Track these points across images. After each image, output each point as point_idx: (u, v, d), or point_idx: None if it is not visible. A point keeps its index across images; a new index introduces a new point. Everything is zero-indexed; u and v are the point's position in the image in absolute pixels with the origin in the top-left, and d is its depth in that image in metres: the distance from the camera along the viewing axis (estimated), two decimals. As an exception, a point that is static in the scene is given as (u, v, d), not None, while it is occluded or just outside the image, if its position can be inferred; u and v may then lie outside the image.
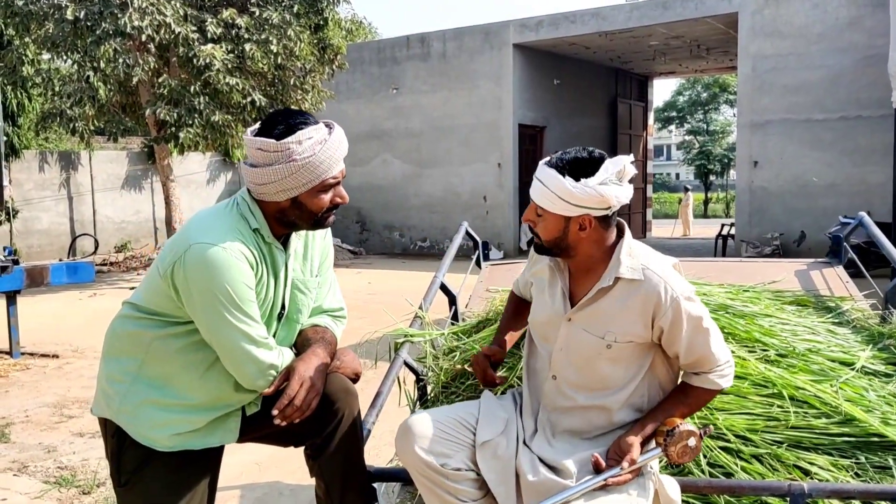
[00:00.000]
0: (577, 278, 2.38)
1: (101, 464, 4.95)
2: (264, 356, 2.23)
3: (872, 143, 13.93)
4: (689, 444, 2.20)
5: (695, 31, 17.28)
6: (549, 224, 2.26)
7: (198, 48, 11.98)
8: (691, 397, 2.34)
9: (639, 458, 2.21)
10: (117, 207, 18.04)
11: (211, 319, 2.17)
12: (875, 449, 2.57)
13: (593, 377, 2.32)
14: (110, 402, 2.30)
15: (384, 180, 19.12)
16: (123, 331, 2.33)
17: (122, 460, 2.29)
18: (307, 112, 2.30)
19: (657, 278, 2.24)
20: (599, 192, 2.16)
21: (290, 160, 2.16)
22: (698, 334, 2.27)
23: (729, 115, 44.47)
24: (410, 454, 2.29)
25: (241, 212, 2.27)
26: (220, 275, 2.13)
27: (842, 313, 3.50)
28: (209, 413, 2.31)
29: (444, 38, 18.49)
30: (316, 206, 2.26)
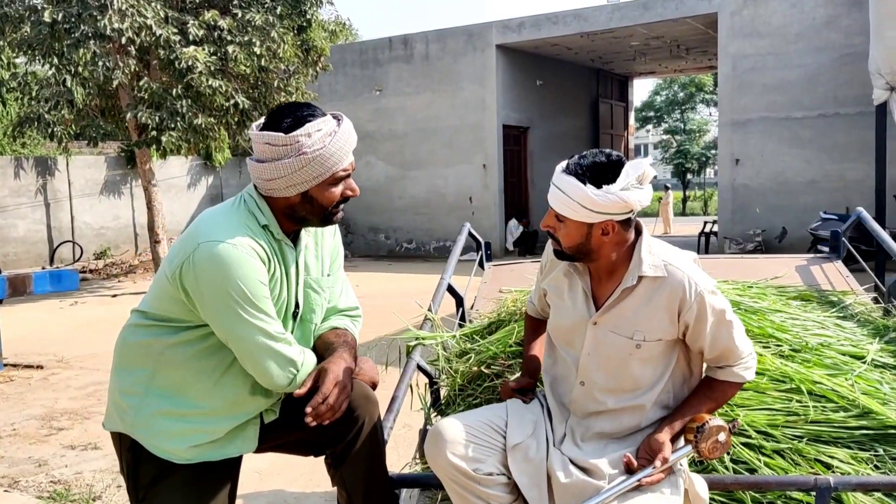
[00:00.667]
0: (598, 280, 2.36)
1: (95, 477, 4.89)
2: (285, 350, 2.17)
3: (850, 140, 14.10)
4: (719, 440, 2.21)
5: (675, 32, 17.40)
6: (572, 231, 2.24)
7: (179, 50, 11.86)
8: (717, 392, 2.34)
9: (671, 456, 2.22)
10: (96, 213, 17.83)
11: (225, 319, 2.11)
12: (892, 441, 2.60)
13: (624, 379, 2.31)
14: (124, 416, 2.25)
15: (368, 182, 19.07)
16: (133, 341, 2.27)
17: (139, 475, 2.24)
18: (313, 104, 2.25)
19: (680, 273, 2.24)
20: (622, 197, 2.15)
21: (299, 153, 2.11)
22: (722, 327, 2.27)
23: (705, 114, 44.79)
24: (442, 460, 2.27)
25: (248, 209, 2.21)
26: (232, 272, 2.07)
27: (845, 307, 3.54)
28: (227, 421, 2.25)
29: (426, 39, 18.49)
30: (327, 200, 2.20)
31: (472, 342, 3.29)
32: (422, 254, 18.93)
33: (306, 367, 2.24)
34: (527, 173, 19.36)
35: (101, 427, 3.79)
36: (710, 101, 41.86)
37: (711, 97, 40.96)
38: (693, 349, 2.34)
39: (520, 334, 3.11)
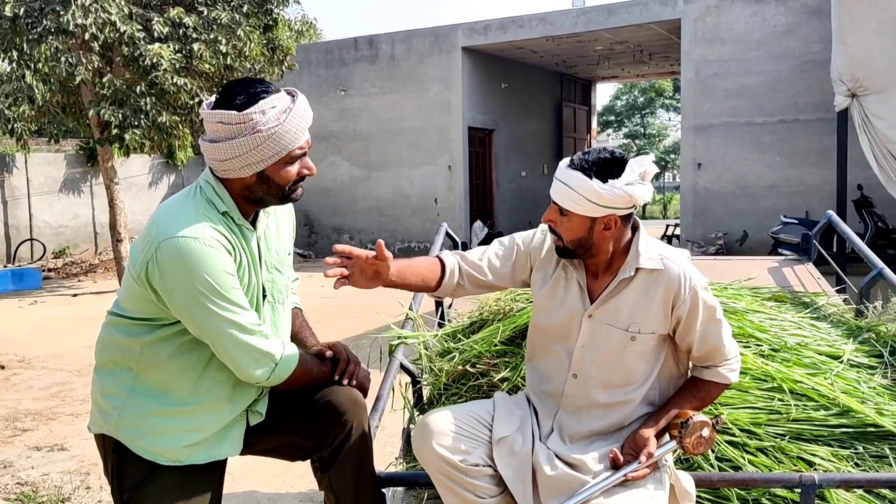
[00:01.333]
0: (593, 275, 2.39)
1: (63, 478, 4.82)
2: (259, 344, 2.13)
3: (810, 146, 14.35)
4: (703, 435, 2.25)
5: (638, 37, 17.57)
6: (575, 225, 2.27)
7: (144, 47, 11.68)
8: (702, 391, 2.39)
9: (655, 451, 2.25)
10: (55, 212, 17.51)
11: (196, 315, 2.08)
12: (872, 439, 2.67)
13: (617, 373, 2.34)
14: (108, 418, 2.21)
15: (332, 182, 18.97)
16: (112, 342, 2.23)
17: (124, 476, 2.20)
18: (265, 80, 2.20)
19: (677, 267, 2.29)
20: (627, 192, 2.19)
21: (254, 132, 2.05)
22: (712, 325, 2.32)
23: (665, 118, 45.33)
24: (429, 451, 2.28)
25: (206, 197, 2.15)
26: (197, 266, 2.03)
27: (818, 308, 3.61)
28: (214, 418, 2.23)
29: (392, 40, 18.45)
30: (283, 179, 2.16)
31: (455, 341, 3.29)
32: (386, 255, 18.82)
33: (286, 360, 2.21)
34: (492, 175, 19.41)
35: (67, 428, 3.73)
36: (670, 106, 42.39)
37: (671, 102, 41.49)
38: (681, 346, 2.38)
39: (504, 333, 3.13)
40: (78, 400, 6.59)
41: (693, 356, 2.39)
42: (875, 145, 10.09)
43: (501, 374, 2.91)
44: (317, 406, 2.38)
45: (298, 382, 2.28)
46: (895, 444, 2.64)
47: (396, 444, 3.11)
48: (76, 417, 6.08)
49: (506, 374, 2.92)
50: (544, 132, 21.55)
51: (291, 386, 2.27)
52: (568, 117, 22.75)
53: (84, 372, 7.45)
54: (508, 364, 2.97)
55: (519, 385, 2.85)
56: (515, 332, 3.16)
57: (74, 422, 5.98)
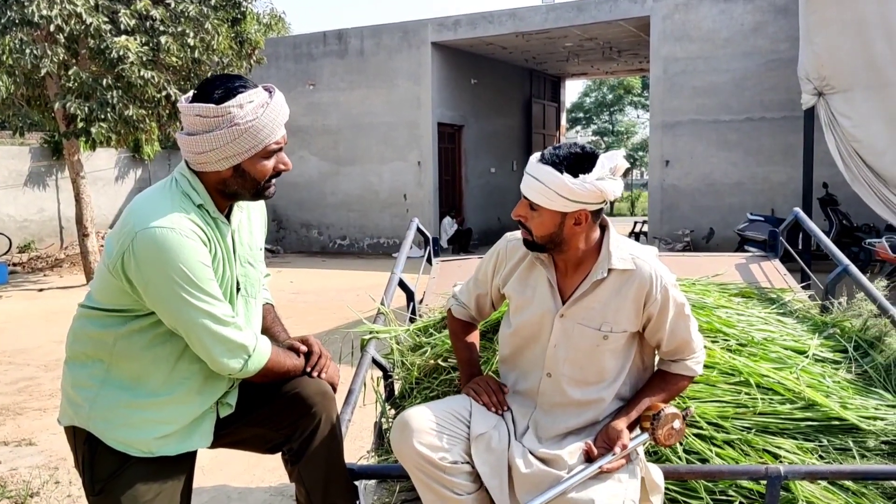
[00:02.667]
0: (564, 273, 2.42)
1: (31, 473, 4.78)
2: (233, 335, 2.15)
3: (775, 144, 14.53)
4: (674, 427, 2.29)
5: (608, 34, 17.67)
6: (546, 219, 2.28)
7: (110, 40, 11.54)
8: (670, 384, 2.44)
9: (629, 443, 2.28)
10: (19, 206, 17.23)
11: (171, 305, 2.08)
12: (836, 432, 2.72)
13: (590, 371, 2.37)
14: (79, 410, 2.20)
15: (301, 178, 18.89)
16: (84, 334, 2.23)
17: (96, 468, 2.19)
18: (243, 76, 2.22)
19: (648, 266, 2.33)
20: (598, 187, 2.21)
21: (232, 125, 2.07)
22: (681, 321, 2.38)
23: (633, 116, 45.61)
24: (408, 448, 2.29)
25: (182, 189, 2.17)
26: (173, 257, 2.03)
27: (784, 304, 3.66)
28: (186, 410, 2.23)
29: (361, 35, 18.38)
30: (259, 174, 2.18)
31: (427, 336, 3.30)
32: (355, 250, 18.85)
33: (259, 352, 2.22)
34: (461, 171, 19.43)
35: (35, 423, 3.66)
36: (638, 103, 42.67)
37: (639, 99, 41.76)
38: (651, 342, 2.42)
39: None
40: (45, 395, 6.52)
41: (662, 351, 2.44)
42: (841, 144, 10.25)
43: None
44: (286, 398, 2.39)
45: (271, 375, 2.30)
46: (859, 436, 2.70)
47: (368, 438, 3.12)
48: (44, 412, 6.02)
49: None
50: (513, 128, 21.62)
51: (264, 378, 2.29)
52: (537, 114, 22.83)
53: (51, 367, 7.37)
54: (480, 358, 2.98)
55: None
56: (487, 327, 3.18)
57: (42, 416, 5.92)
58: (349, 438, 2.75)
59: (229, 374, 2.21)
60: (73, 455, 2.29)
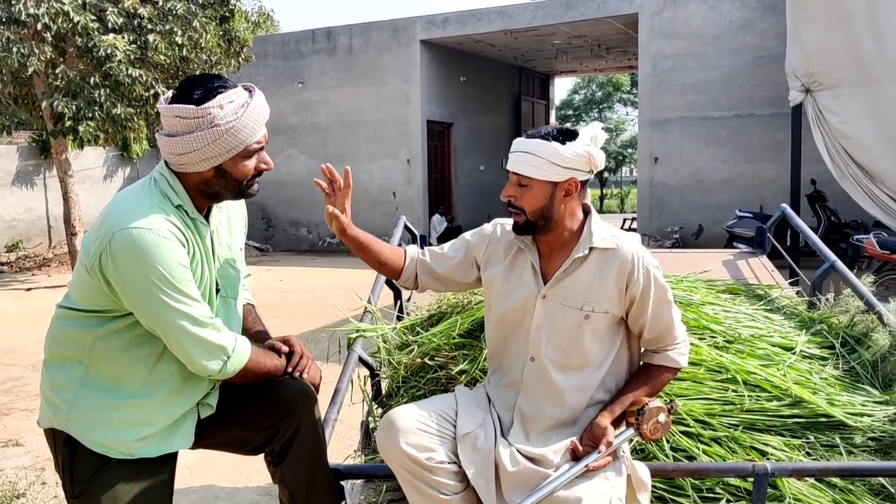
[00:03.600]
0: (546, 257, 2.44)
1: (18, 474, 4.76)
2: (211, 336, 2.13)
3: (764, 140, 14.56)
4: (659, 421, 2.29)
5: (596, 31, 17.68)
6: (537, 192, 2.33)
7: (98, 38, 11.49)
8: (653, 377, 2.43)
9: (614, 439, 2.27)
10: (7, 205, 17.13)
11: (149, 306, 2.06)
12: (823, 428, 2.72)
13: (574, 352, 2.38)
14: (58, 412, 2.18)
15: (290, 176, 18.84)
16: (62, 335, 2.21)
17: (76, 470, 2.17)
18: (223, 76, 2.20)
19: (630, 247, 2.36)
20: (588, 152, 2.29)
21: (212, 126, 2.06)
22: (664, 306, 2.38)
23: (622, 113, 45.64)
24: (395, 449, 2.28)
25: (160, 189, 2.15)
26: (151, 257, 2.02)
27: (772, 301, 3.66)
28: (165, 411, 2.21)
29: (350, 32, 18.35)
30: (241, 174, 2.17)
31: (414, 334, 3.29)
32: (344, 249, 18.60)
33: (239, 353, 2.20)
34: (450, 169, 19.41)
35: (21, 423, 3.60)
36: (627, 100, 42.69)
37: (628, 97, 41.79)
38: (634, 329, 2.42)
39: (463, 326, 3.14)
40: (32, 395, 6.48)
41: (645, 339, 2.43)
42: (829, 140, 10.27)
43: (460, 367, 2.92)
44: (268, 399, 2.38)
45: (251, 376, 2.27)
46: (846, 433, 2.70)
47: (355, 438, 3.11)
48: (30, 413, 5.98)
49: (464, 366, 2.93)
50: (503, 126, 21.61)
51: (244, 380, 2.26)
52: (526, 111, 22.84)
53: (38, 367, 7.21)
54: (467, 356, 2.98)
55: (477, 377, 2.86)
56: (474, 325, 3.17)
57: (29, 417, 5.88)
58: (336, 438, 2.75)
59: (209, 376, 2.19)
60: (53, 457, 2.27)
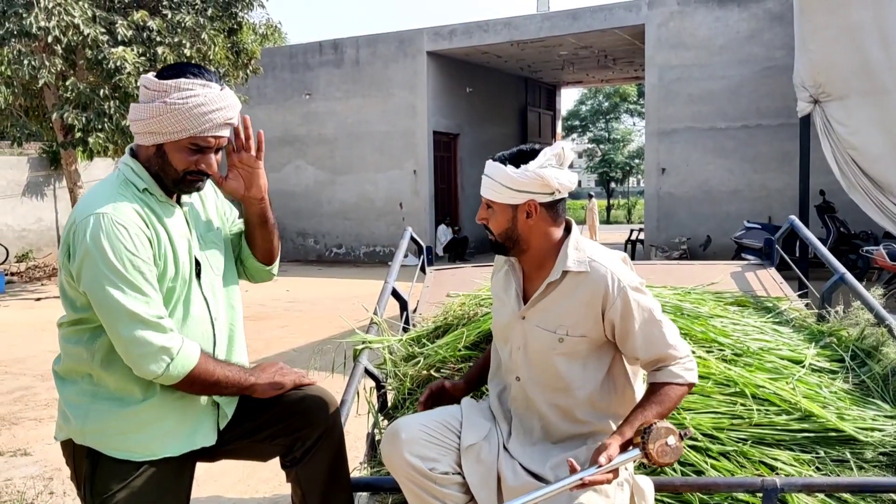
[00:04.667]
0: (529, 277, 2.43)
1: (26, 483, 4.76)
2: (153, 337, 2.05)
3: (772, 151, 14.53)
4: (668, 443, 2.16)
5: (603, 42, 17.70)
6: (499, 215, 2.33)
7: (108, 50, 11.59)
8: (661, 396, 2.29)
9: (617, 456, 2.20)
10: (17, 215, 17.23)
11: (95, 296, 2.04)
12: (833, 443, 2.69)
13: (550, 374, 2.35)
14: (74, 425, 2.17)
15: (297, 187, 18.89)
16: (66, 350, 2.21)
17: (96, 482, 2.15)
18: (211, 71, 2.20)
19: (603, 269, 2.28)
20: (539, 174, 2.24)
21: (163, 101, 2.09)
22: (653, 327, 2.27)
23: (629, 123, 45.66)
24: (399, 459, 2.28)
25: (125, 176, 2.17)
26: (102, 243, 2.01)
27: (780, 313, 3.63)
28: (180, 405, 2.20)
29: (357, 44, 18.42)
30: (178, 162, 2.16)
31: (420, 346, 3.28)
32: (351, 259, 18.84)
33: (184, 356, 2.11)
34: (457, 179, 19.43)
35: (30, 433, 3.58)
36: (634, 111, 42.72)
37: (635, 107, 41.81)
38: (626, 352, 2.33)
39: (469, 338, 3.13)
40: (41, 404, 6.49)
41: (642, 362, 2.34)
42: (837, 151, 10.24)
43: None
44: (290, 410, 2.36)
45: (199, 383, 2.17)
46: (856, 448, 2.66)
47: (361, 449, 3.09)
48: (39, 422, 5.98)
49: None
50: (509, 137, 21.62)
51: (191, 387, 2.17)
52: (533, 122, 22.87)
53: (47, 376, 7.33)
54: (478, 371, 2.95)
55: (484, 390, 2.84)
56: (480, 337, 3.15)
57: (37, 426, 5.88)
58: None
59: (153, 379, 2.11)
60: (71, 470, 2.26)
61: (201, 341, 2.23)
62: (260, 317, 10.46)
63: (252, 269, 2.55)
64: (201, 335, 2.25)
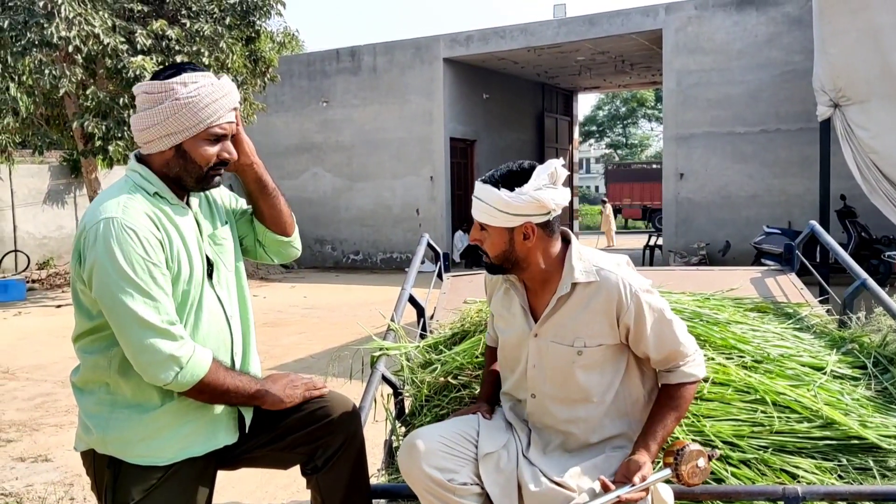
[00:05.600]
0: (534, 293, 2.41)
1: (47, 489, 4.78)
2: (162, 345, 2.05)
3: (791, 156, 14.43)
4: (698, 465, 2.21)
5: (620, 47, 17.66)
6: (495, 238, 2.30)
7: (127, 60, 11.70)
8: (676, 398, 2.32)
9: (650, 475, 2.20)
10: (38, 223, 17.42)
11: (105, 301, 2.04)
12: (855, 451, 2.65)
13: (571, 388, 2.34)
14: (95, 435, 2.17)
15: (314, 194, 18.96)
16: (85, 361, 2.21)
17: (118, 491, 2.15)
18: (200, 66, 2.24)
19: (613, 276, 2.28)
20: (535, 197, 2.21)
21: (174, 99, 2.10)
22: (664, 326, 2.29)
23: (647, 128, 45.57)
24: (417, 471, 2.27)
25: (134, 182, 2.16)
26: (113, 247, 2.01)
27: (801, 319, 3.60)
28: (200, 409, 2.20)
29: (374, 51, 18.48)
30: (201, 157, 2.17)
31: (437, 353, 3.27)
32: (368, 265, 18.87)
33: (194, 365, 2.10)
34: (473, 186, 19.33)
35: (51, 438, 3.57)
36: (652, 116, 42.63)
37: (653, 112, 41.72)
38: (638, 353, 2.35)
39: (485, 345, 3.11)
40: (62, 411, 6.53)
41: (654, 360, 2.34)
42: (858, 155, 10.17)
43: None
44: (311, 418, 2.37)
45: (208, 392, 2.16)
46: (879, 455, 2.63)
47: (378, 456, 3.08)
48: (60, 428, 6.02)
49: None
50: (526, 143, 21.61)
51: (200, 395, 2.16)
52: (550, 128, 22.83)
53: (68, 383, 7.28)
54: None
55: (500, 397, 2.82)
56: (496, 344, 3.13)
57: (58, 433, 5.92)
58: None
59: (162, 386, 2.10)
60: (91, 479, 2.25)
61: (218, 341, 2.24)
62: (277, 323, 10.49)
63: (273, 246, 2.55)
64: (217, 334, 2.25)
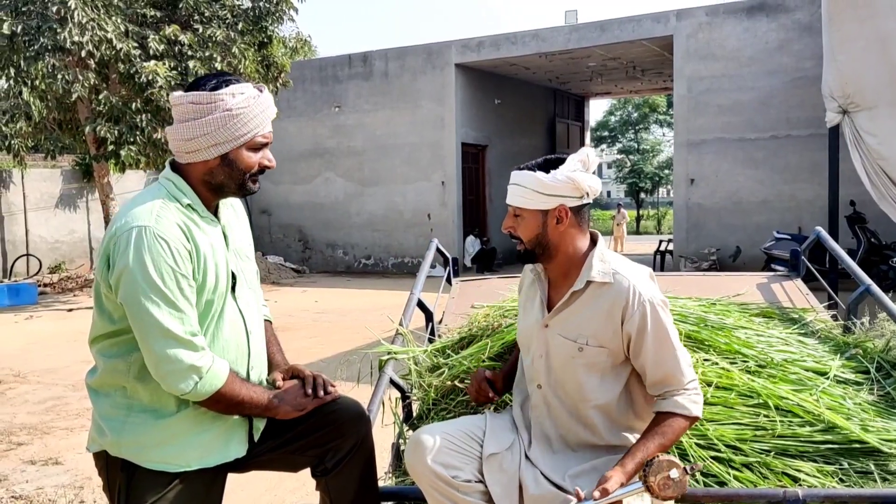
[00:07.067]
0: (554, 286, 2.46)
1: (57, 492, 4.82)
2: (183, 355, 2.07)
3: (801, 161, 14.43)
4: (671, 476, 2.15)
5: (631, 53, 17.68)
6: (529, 221, 2.36)
7: (140, 65, 11.79)
8: (665, 427, 2.30)
9: (615, 489, 2.16)
10: (51, 227, 17.54)
11: (131, 308, 2.06)
12: (857, 455, 2.67)
13: (571, 383, 2.39)
14: (110, 438, 2.19)
15: (326, 199, 19.03)
16: (101, 364, 2.22)
17: (132, 495, 2.17)
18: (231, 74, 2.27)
19: (627, 282, 2.31)
20: (571, 178, 2.29)
21: (225, 110, 2.13)
22: (665, 347, 2.30)
23: (659, 134, 45.47)
24: (422, 467, 2.31)
25: (168, 192, 2.17)
26: (143, 255, 2.03)
27: (806, 324, 3.62)
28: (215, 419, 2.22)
29: (386, 57, 18.55)
30: (245, 165, 2.20)
31: (445, 357, 3.30)
32: (380, 270, 18.92)
33: (213, 376, 2.13)
34: (485, 191, 19.47)
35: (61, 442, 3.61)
36: (664, 121, 42.54)
37: (665, 118, 41.64)
38: (637, 368, 2.37)
39: (493, 349, 3.15)
40: (72, 414, 6.59)
41: (649, 382, 2.35)
42: (867, 162, 10.16)
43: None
44: (320, 423, 2.39)
45: (224, 402, 2.20)
46: (880, 460, 2.65)
47: (386, 459, 3.12)
48: (70, 432, 6.08)
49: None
50: (537, 148, 21.62)
51: (216, 405, 2.20)
52: (561, 133, 22.85)
53: (79, 386, 7.43)
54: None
55: (507, 401, 2.86)
56: (504, 348, 3.17)
57: (69, 436, 5.97)
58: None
59: (180, 395, 2.14)
60: (104, 482, 2.27)
61: (237, 354, 2.27)
62: (288, 327, 10.55)
63: None
64: (236, 348, 2.28)
